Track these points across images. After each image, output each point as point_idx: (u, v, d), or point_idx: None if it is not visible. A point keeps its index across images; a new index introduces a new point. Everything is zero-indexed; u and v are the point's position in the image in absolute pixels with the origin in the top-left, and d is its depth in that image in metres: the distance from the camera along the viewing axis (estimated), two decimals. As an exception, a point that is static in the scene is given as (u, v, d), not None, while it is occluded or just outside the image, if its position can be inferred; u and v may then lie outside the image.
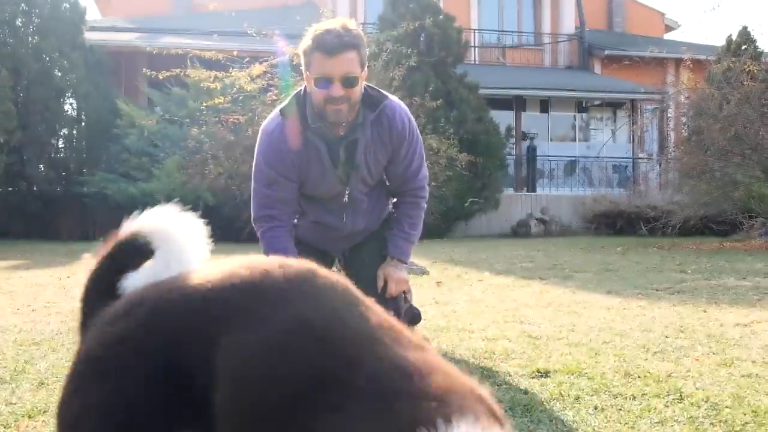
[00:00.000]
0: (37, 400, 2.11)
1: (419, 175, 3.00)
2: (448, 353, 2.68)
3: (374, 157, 2.89)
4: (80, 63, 13.14)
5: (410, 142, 2.91)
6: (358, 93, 2.73)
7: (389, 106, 2.86)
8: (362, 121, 2.82)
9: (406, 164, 2.94)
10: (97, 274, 1.22)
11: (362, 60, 2.71)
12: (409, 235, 3.01)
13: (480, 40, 18.44)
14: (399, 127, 2.85)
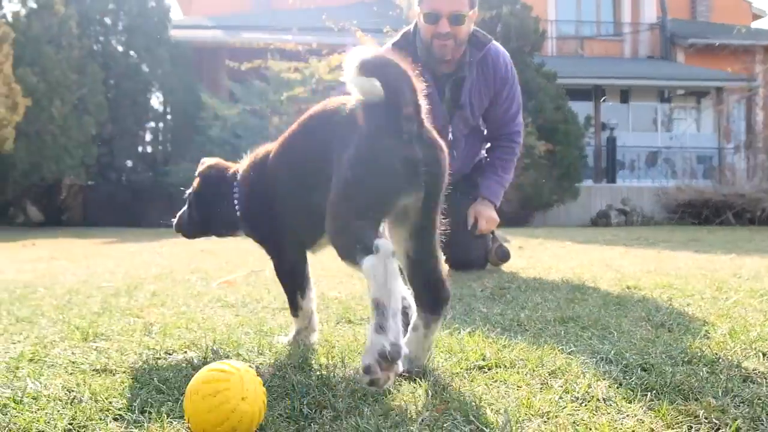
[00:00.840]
0: (152, 301, 2.24)
1: (516, 119, 3.09)
2: (536, 280, 2.68)
3: (478, 97, 2.99)
4: (166, 58, 13.58)
5: (512, 86, 3.02)
6: (465, 31, 2.82)
7: (494, 48, 2.98)
8: (469, 59, 2.92)
9: (505, 107, 3.03)
10: None
11: (474, 1, 2.82)
12: (502, 178, 3.07)
13: (557, 32, 18.22)
14: (503, 69, 2.98)
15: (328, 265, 3.60)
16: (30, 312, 1.99)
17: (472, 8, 2.82)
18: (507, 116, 3.06)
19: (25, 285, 2.83)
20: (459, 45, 2.84)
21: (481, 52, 2.92)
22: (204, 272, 3.36)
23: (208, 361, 1.38)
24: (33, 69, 10.39)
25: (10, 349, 1.49)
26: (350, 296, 2.34)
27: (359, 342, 1.49)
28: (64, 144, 10.96)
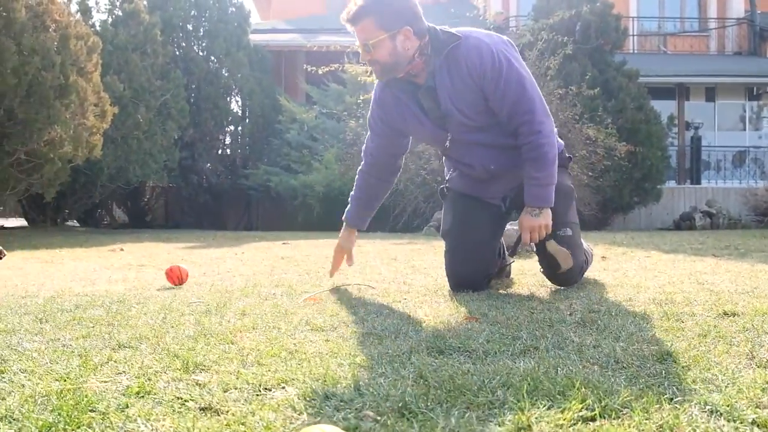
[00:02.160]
0: (243, 323, 2.28)
1: (520, 107, 2.87)
2: (625, 302, 2.62)
3: (463, 100, 2.90)
4: (245, 63, 13.87)
5: (496, 76, 2.82)
6: (384, 54, 2.83)
7: (464, 44, 2.84)
8: (432, 68, 2.88)
9: (498, 98, 2.86)
10: None
11: (383, 23, 2.80)
12: (537, 179, 2.91)
13: (639, 29, 17.78)
14: (476, 62, 2.81)
15: (411, 280, 3.60)
16: (129, 336, 2.05)
17: (389, 30, 2.79)
18: (508, 108, 2.88)
19: (119, 300, 2.92)
20: (387, 66, 2.87)
21: (442, 55, 2.85)
22: (288, 286, 3.40)
23: (307, 399, 1.39)
24: (119, 76, 10.76)
25: (117, 381, 1.54)
26: (438, 318, 2.33)
27: (456, 383, 1.48)
28: (149, 148, 11.31)
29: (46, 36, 8.13)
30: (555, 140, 2.98)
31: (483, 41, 2.86)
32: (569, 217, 3.11)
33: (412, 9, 2.85)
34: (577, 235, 3.11)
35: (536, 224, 2.94)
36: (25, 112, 7.79)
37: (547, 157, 2.90)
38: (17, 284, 3.78)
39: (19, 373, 1.60)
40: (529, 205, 2.94)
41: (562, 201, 3.06)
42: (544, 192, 2.93)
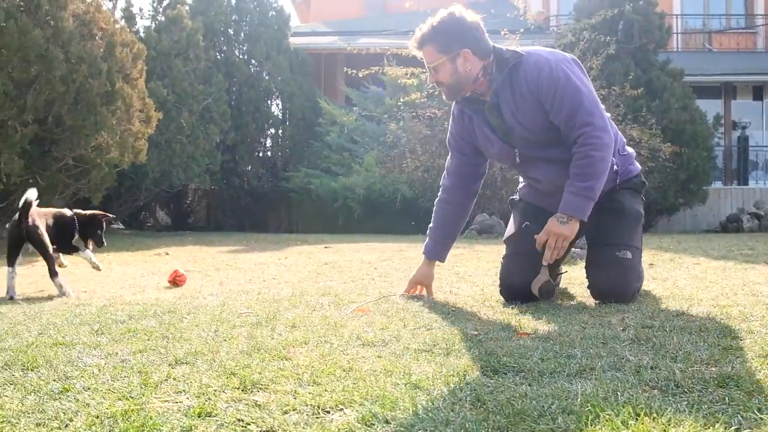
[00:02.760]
0: (294, 336, 2.29)
1: (576, 119, 2.90)
2: (679, 317, 2.58)
3: (525, 115, 2.99)
4: (285, 66, 13.96)
5: (552, 89, 2.89)
6: (446, 76, 3.02)
7: (520, 62, 2.97)
8: (496, 86, 3.01)
9: (555, 111, 2.93)
10: None
11: (442, 47, 2.97)
12: (578, 188, 2.92)
13: (683, 26, 17.49)
14: (534, 76, 2.92)
15: (457, 289, 3.59)
16: (184, 351, 2.08)
17: (448, 54, 2.97)
18: (563, 121, 2.94)
19: (170, 310, 2.96)
20: (453, 87, 3.06)
21: (503, 74, 2.99)
22: (334, 295, 3.41)
23: (366, 423, 1.40)
24: (163, 82, 10.90)
25: (178, 401, 1.56)
26: (489, 334, 2.32)
27: (515, 408, 1.47)
28: (191, 152, 11.44)
29: (92, 44, 8.27)
30: (608, 157, 2.95)
31: (543, 57, 2.95)
32: (633, 240, 3.09)
33: (471, 32, 2.98)
34: (636, 261, 3.07)
35: (560, 231, 2.94)
36: (73, 119, 7.93)
37: (594, 170, 2.91)
38: (68, 290, 3.86)
39: (83, 392, 1.63)
40: (561, 211, 2.96)
41: (627, 223, 3.08)
42: (580, 203, 2.94)
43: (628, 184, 3.18)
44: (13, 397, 1.59)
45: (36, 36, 7.31)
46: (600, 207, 3.05)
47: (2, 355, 2.04)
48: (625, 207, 3.11)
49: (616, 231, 3.07)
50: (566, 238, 2.95)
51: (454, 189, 3.41)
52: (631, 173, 3.19)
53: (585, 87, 2.94)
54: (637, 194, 3.21)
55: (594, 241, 3.17)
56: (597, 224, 3.10)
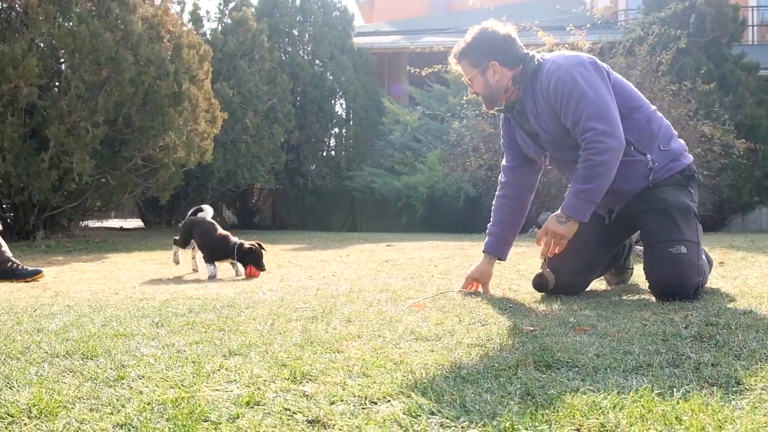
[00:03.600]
0: (348, 330, 2.30)
1: (579, 125, 2.96)
2: (746, 315, 2.48)
3: (545, 122, 3.11)
4: (349, 66, 14.03)
5: (559, 95, 2.99)
6: (480, 87, 3.20)
7: (539, 69, 3.09)
8: (521, 93, 3.16)
9: (563, 117, 3.01)
10: None
11: (473, 61, 3.17)
12: (578, 190, 2.98)
13: (759, 18, 16.90)
14: (545, 85, 3.04)
15: (516, 286, 3.54)
16: (239, 343, 2.10)
17: (478, 67, 3.15)
18: (570, 126, 3.02)
19: (229, 304, 3.00)
20: (489, 96, 3.21)
21: (526, 82, 3.12)
22: (392, 292, 3.41)
23: (412, 415, 1.39)
24: (229, 83, 11.10)
25: (229, 390, 1.58)
26: (545, 330, 2.28)
27: (565, 402, 1.43)
28: (256, 152, 11.61)
29: (160, 46, 8.47)
30: (611, 161, 2.94)
31: (556, 63, 3.05)
32: (685, 234, 3.00)
33: (499, 44, 3.14)
34: (693, 255, 2.97)
35: (556, 230, 3.05)
36: (142, 120, 8.14)
37: (594, 173, 2.95)
38: (135, 286, 3.96)
39: (137, 380, 1.67)
40: (561, 211, 3.05)
41: (675, 218, 3.01)
42: (580, 205, 3.00)
43: (669, 181, 3.10)
44: (71, 384, 1.63)
45: (107, 39, 7.53)
46: (644, 206, 3.07)
47: (65, 345, 2.10)
48: (669, 203, 3.03)
49: (666, 228, 3.01)
50: (562, 237, 3.05)
51: (511, 185, 3.46)
52: (673, 170, 3.11)
53: (593, 91, 2.96)
54: (682, 188, 3.12)
55: (647, 242, 3.12)
56: (646, 224, 3.10)
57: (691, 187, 3.14)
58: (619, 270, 3.65)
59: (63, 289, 3.84)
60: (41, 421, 1.36)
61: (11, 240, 8.05)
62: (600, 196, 2.99)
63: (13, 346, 2.09)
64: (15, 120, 7.15)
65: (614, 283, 3.66)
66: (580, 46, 10.18)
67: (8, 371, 1.76)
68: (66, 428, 1.30)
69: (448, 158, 12.06)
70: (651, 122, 3.13)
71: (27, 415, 1.38)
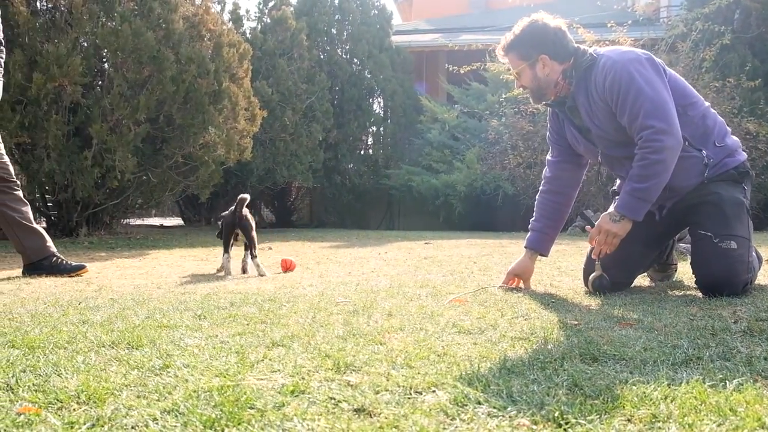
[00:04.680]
0: (390, 323, 2.29)
1: (636, 122, 2.88)
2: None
3: (598, 118, 3.05)
4: (387, 64, 14.03)
5: (615, 92, 2.92)
6: (528, 80, 3.15)
7: (593, 65, 3.02)
8: (572, 89, 3.10)
9: (619, 114, 2.94)
10: None
11: (522, 54, 3.11)
12: (633, 189, 2.92)
13: (806, 12, 16.49)
14: (600, 80, 2.97)
15: (558, 282, 3.50)
16: (281, 334, 2.11)
17: (528, 60, 3.10)
18: (626, 124, 2.95)
19: (270, 298, 3.02)
20: (536, 90, 3.17)
21: (576, 78, 3.07)
22: (432, 287, 3.40)
23: (458, 404, 1.37)
24: (268, 81, 11.17)
25: (273, 379, 1.58)
26: (590, 324, 2.25)
27: (614, 393, 1.41)
28: (295, 150, 11.66)
29: (201, 45, 8.56)
30: (669, 159, 2.88)
31: (611, 59, 2.98)
32: (736, 230, 2.94)
33: (549, 38, 3.08)
34: (743, 251, 2.91)
35: (609, 228, 2.99)
36: (183, 118, 8.22)
37: (650, 172, 2.89)
38: (176, 281, 4.00)
39: (183, 368, 1.68)
40: (615, 209, 3.00)
41: (727, 213, 2.96)
42: (634, 204, 2.94)
43: (723, 176, 3.03)
44: (117, 372, 1.64)
45: (149, 38, 7.62)
46: (696, 200, 3.02)
47: (110, 335, 2.12)
48: (722, 197, 2.98)
49: (717, 222, 2.94)
50: (616, 236, 2.99)
51: (556, 180, 3.43)
52: (728, 165, 3.05)
53: (650, 88, 2.88)
54: (736, 184, 3.05)
55: (696, 235, 3.05)
56: (697, 217, 3.03)
57: (745, 184, 3.08)
58: (663, 266, 3.60)
59: (106, 283, 3.90)
60: (89, 406, 1.37)
61: (55, 236, 8.21)
62: (656, 195, 2.93)
63: (60, 336, 2.12)
64: (59, 118, 7.27)
65: (658, 279, 3.60)
66: (622, 43, 10.06)
67: (56, 359, 1.78)
68: (114, 414, 1.31)
69: (487, 156, 12.00)
70: (706, 118, 3.07)
71: (76, 401, 1.40)
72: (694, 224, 3.08)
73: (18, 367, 1.69)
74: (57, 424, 1.26)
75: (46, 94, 7.01)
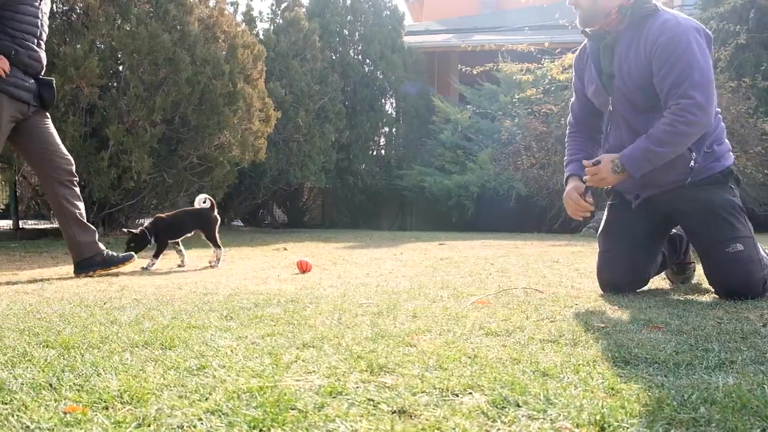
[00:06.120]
0: (416, 326, 2.30)
1: (679, 88, 2.78)
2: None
3: (629, 66, 2.94)
4: (399, 65, 14.04)
5: (668, 52, 2.79)
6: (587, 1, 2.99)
7: (652, 15, 2.90)
8: (620, 27, 2.98)
9: (663, 75, 2.83)
10: None
11: None
12: (648, 148, 2.85)
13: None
14: (655, 35, 2.84)
15: (578, 284, 3.50)
16: (311, 336, 2.12)
17: None
18: (666, 87, 2.83)
19: (292, 299, 3.03)
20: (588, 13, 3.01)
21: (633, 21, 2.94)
22: (453, 288, 3.41)
23: (497, 406, 1.38)
24: (281, 82, 11.19)
25: (309, 380, 1.60)
26: (617, 327, 2.25)
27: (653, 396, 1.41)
28: (308, 151, 11.68)
29: (216, 46, 8.59)
30: (693, 135, 2.84)
31: (674, 19, 2.86)
32: (738, 231, 2.91)
33: None
34: (751, 250, 2.89)
35: (605, 177, 2.98)
36: (198, 119, 8.26)
37: (671, 140, 2.82)
38: (196, 282, 4.02)
39: (219, 369, 1.69)
40: (621, 157, 2.93)
41: (724, 216, 2.93)
42: (641, 161, 2.89)
43: (709, 180, 2.99)
44: (155, 372, 1.66)
45: (165, 40, 7.66)
46: (685, 207, 3.01)
47: (142, 335, 2.14)
48: (714, 202, 2.95)
49: (716, 228, 2.92)
50: (607, 183, 3.02)
51: (580, 123, 3.40)
52: (713, 170, 3.00)
53: (704, 61, 2.81)
54: (723, 185, 3.01)
55: (699, 245, 3.03)
56: (693, 226, 3.03)
57: (731, 184, 3.04)
58: (681, 267, 3.58)
59: (128, 283, 3.92)
60: (133, 406, 1.38)
61: (72, 236, 8.26)
62: (661, 164, 2.89)
63: (92, 336, 2.14)
64: (76, 120, 7.31)
65: (678, 281, 3.59)
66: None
67: (93, 359, 1.80)
68: (159, 414, 1.33)
69: (500, 157, 11.99)
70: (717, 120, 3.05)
71: (119, 401, 1.42)
72: (692, 232, 3.07)
73: (57, 367, 1.71)
74: (106, 423, 1.27)
75: (63, 95, 7.05)
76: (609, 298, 3.01)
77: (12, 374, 1.64)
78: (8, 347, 1.98)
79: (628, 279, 3.19)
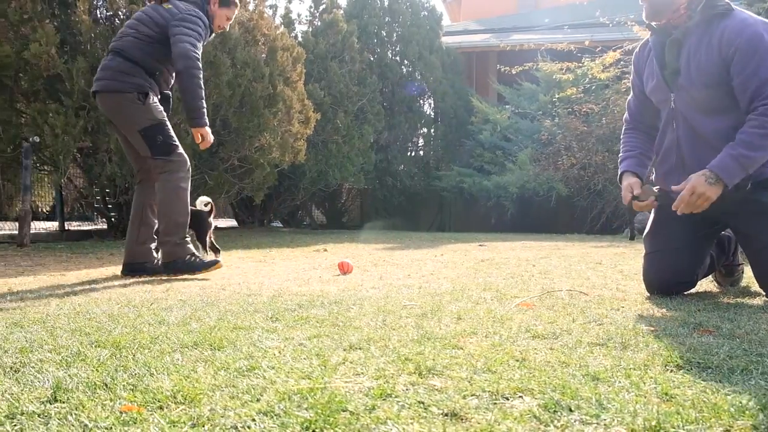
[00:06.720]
0: (461, 328, 2.30)
1: (764, 90, 2.68)
2: None
3: (698, 64, 2.84)
4: (437, 65, 14.02)
5: (751, 51, 2.70)
6: None
7: (727, 14, 2.80)
8: (690, 23, 2.87)
9: (746, 75, 2.72)
10: None
11: None
12: (741, 154, 2.72)
13: None
14: (732, 36, 2.74)
15: (624, 286, 3.46)
16: (357, 338, 2.13)
17: None
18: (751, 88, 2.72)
19: (335, 301, 3.05)
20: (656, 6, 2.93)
21: (705, 18, 2.84)
22: (496, 290, 3.39)
23: (549, 410, 1.37)
24: (320, 84, 11.25)
25: (358, 382, 1.60)
26: (666, 330, 2.22)
27: (709, 402, 1.39)
28: (347, 152, 11.73)
29: (256, 49, 8.66)
30: None
31: (753, 19, 2.79)
32: None
33: None
34: None
35: (703, 192, 2.77)
36: (238, 121, 8.34)
37: (764, 143, 2.72)
38: (239, 283, 4.06)
39: (269, 370, 1.71)
40: (711, 168, 2.77)
41: None
42: (735, 169, 2.75)
43: (763, 185, 2.91)
44: (206, 373, 1.68)
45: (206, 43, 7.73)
46: (734, 208, 2.92)
47: (190, 336, 2.17)
48: (765, 204, 2.89)
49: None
50: (708, 199, 2.78)
51: (639, 123, 3.33)
52: (764, 174, 2.91)
53: None
54: None
55: (750, 247, 2.98)
56: (744, 228, 2.98)
57: None
58: (729, 270, 3.51)
59: (172, 284, 3.97)
60: (187, 406, 1.40)
61: (116, 237, 8.40)
62: (754, 169, 2.78)
63: (142, 336, 2.17)
64: (120, 123, 7.43)
65: (726, 284, 3.53)
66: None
67: (145, 359, 1.83)
68: (212, 414, 1.35)
69: (539, 157, 11.91)
70: None
71: (173, 401, 1.44)
72: (742, 234, 3.02)
73: (111, 367, 1.74)
74: (162, 422, 1.29)
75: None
76: (656, 301, 2.97)
77: (68, 373, 1.68)
78: (62, 347, 2.02)
79: (675, 281, 3.14)
